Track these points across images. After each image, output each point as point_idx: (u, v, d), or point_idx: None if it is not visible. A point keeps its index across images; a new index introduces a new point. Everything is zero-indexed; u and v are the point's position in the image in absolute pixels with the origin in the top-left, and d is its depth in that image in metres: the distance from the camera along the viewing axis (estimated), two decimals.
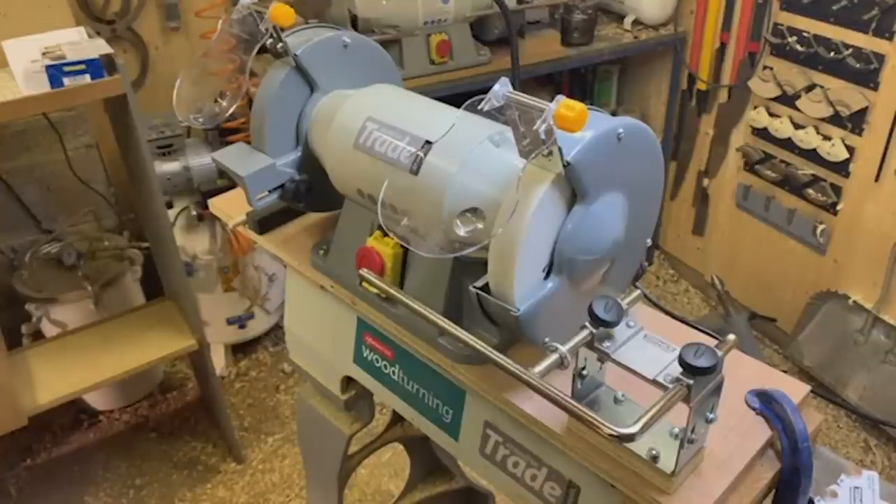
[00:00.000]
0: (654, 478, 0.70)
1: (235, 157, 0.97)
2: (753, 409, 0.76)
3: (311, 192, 1.00)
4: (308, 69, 0.95)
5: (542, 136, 0.65)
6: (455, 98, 0.82)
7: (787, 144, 2.50)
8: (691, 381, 0.63)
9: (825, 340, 2.55)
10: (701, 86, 2.82)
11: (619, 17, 2.83)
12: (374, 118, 0.89)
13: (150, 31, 2.49)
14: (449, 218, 0.78)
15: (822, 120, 2.37)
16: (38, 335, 2.27)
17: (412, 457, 1.52)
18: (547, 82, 3.04)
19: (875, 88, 2.19)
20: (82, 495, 2.30)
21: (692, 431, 0.67)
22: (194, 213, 2.43)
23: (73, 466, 2.39)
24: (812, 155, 2.43)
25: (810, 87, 2.37)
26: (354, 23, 2.18)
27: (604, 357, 0.70)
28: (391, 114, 0.88)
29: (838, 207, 2.41)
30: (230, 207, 1.13)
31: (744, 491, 0.73)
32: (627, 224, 0.77)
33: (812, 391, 0.82)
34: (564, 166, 0.66)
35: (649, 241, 0.84)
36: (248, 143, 0.99)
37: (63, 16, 1.96)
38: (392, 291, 0.83)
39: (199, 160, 2.32)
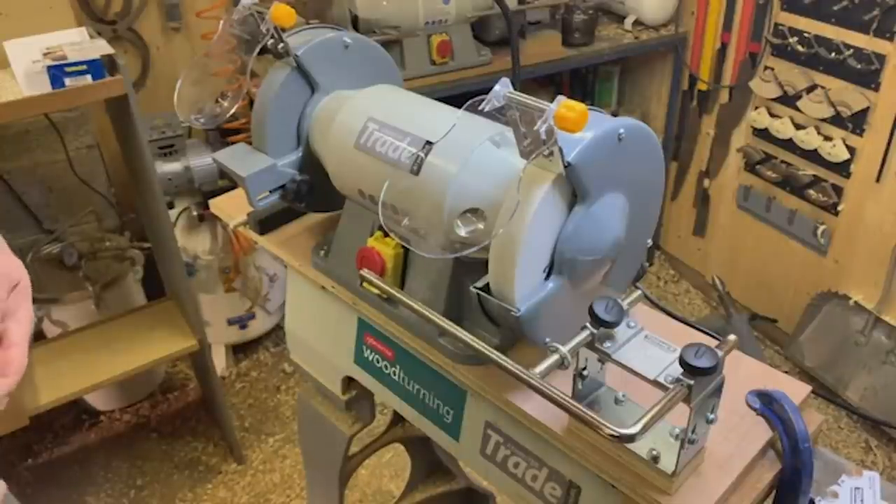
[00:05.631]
0: (655, 478, 0.70)
1: (236, 158, 0.98)
2: (754, 409, 0.76)
3: (311, 192, 1.00)
4: (309, 70, 0.95)
5: (543, 137, 0.65)
6: (456, 98, 0.82)
7: (788, 145, 2.50)
8: (692, 382, 0.63)
9: (826, 341, 2.55)
10: (702, 86, 2.82)
11: (620, 18, 2.83)
12: (374, 118, 0.89)
13: (151, 32, 2.49)
14: (450, 218, 0.78)
15: (823, 120, 2.37)
16: (39, 335, 2.27)
17: (413, 457, 1.52)
18: (548, 83, 3.04)
19: (876, 89, 2.19)
20: (83, 495, 2.30)
21: (693, 432, 0.67)
22: (195, 213, 2.43)
23: (74, 466, 2.40)
24: (813, 155, 2.43)
25: (811, 88, 2.37)
26: (355, 23, 2.18)
27: (604, 357, 0.70)
28: (392, 114, 0.88)
29: (839, 208, 2.41)
30: (231, 208, 1.13)
31: (744, 491, 0.73)
32: (628, 224, 0.77)
33: (813, 392, 0.82)
34: (565, 167, 0.66)
35: (650, 242, 0.84)
36: (249, 143, 0.99)
37: (64, 16, 1.96)
38: (393, 292, 0.83)
39: (200, 160, 2.32)
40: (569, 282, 0.74)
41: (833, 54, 2.27)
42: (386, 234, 0.88)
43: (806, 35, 2.34)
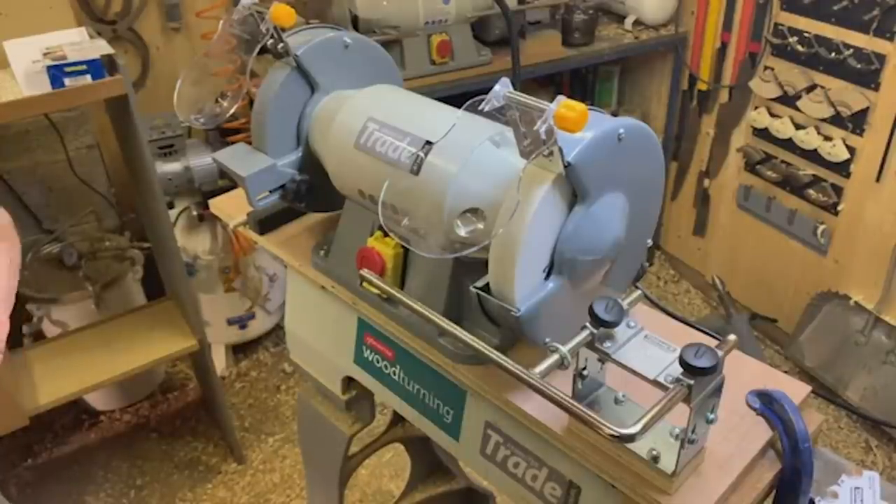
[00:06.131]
0: (655, 478, 0.70)
1: (236, 158, 0.98)
2: (754, 409, 0.76)
3: (311, 192, 1.00)
4: (309, 69, 0.95)
5: (543, 137, 0.65)
6: (456, 98, 0.82)
7: (788, 145, 2.50)
8: (692, 382, 0.63)
9: (826, 341, 2.55)
10: (702, 86, 2.82)
11: (620, 18, 2.83)
12: (374, 118, 0.89)
13: (151, 32, 2.49)
14: (449, 218, 0.78)
15: (823, 120, 2.37)
16: (39, 335, 2.27)
17: (413, 457, 1.52)
18: (548, 83, 3.04)
19: (876, 89, 2.19)
20: (83, 495, 2.30)
21: (693, 432, 0.67)
22: (195, 213, 2.43)
23: (74, 466, 2.40)
24: (813, 155, 2.43)
25: (811, 88, 2.37)
26: (355, 23, 2.18)
27: (604, 357, 0.70)
28: (392, 114, 0.88)
29: (839, 208, 2.41)
30: (231, 208, 1.13)
31: (744, 491, 0.73)
32: (628, 224, 0.77)
33: (813, 392, 0.82)
34: (565, 167, 0.66)
35: (650, 242, 0.84)
36: (249, 143, 0.99)
37: (64, 16, 1.96)
38: (393, 292, 0.83)
39: (200, 160, 2.32)
40: (569, 282, 0.74)
41: (833, 54, 2.27)
42: (386, 234, 0.88)
43: (806, 35, 2.34)
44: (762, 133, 2.59)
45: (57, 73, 1.58)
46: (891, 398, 2.37)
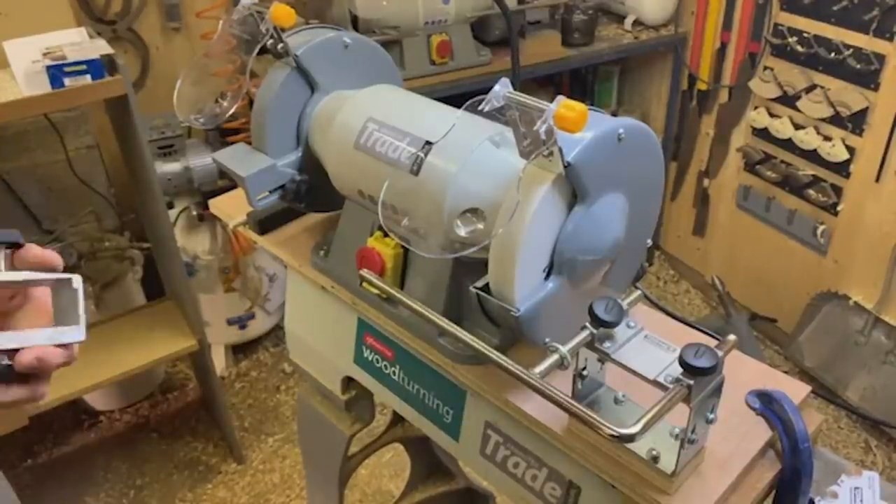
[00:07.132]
0: (655, 478, 0.70)
1: (236, 158, 0.98)
2: (754, 409, 0.76)
3: (311, 192, 1.00)
4: (309, 70, 0.95)
5: (543, 137, 0.65)
6: (456, 99, 0.82)
7: (788, 145, 2.50)
8: (692, 382, 0.63)
9: (826, 341, 2.55)
10: (701, 86, 2.82)
11: (620, 18, 2.83)
12: (374, 119, 0.89)
13: (151, 32, 2.49)
14: (449, 218, 0.78)
15: (823, 120, 2.37)
16: None
17: (413, 457, 1.52)
18: (547, 83, 3.04)
19: (875, 89, 2.19)
20: (83, 495, 2.30)
21: (692, 432, 0.67)
22: (195, 213, 2.43)
23: (74, 466, 2.40)
24: (812, 155, 2.43)
25: (811, 88, 2.37)
26: (355, 23, 2.18)
27: (604, 357, 0.70)
28: (392, 114, 0.88)
29: (839, 208, 2.41)
30: (231, 208, 1.13)
31: (744, 491, 0.73)
32: (628, 224, 0.77)
33: (812, 392, 0.82)
34: (565, 167, 0.66)
35: (650, 242, 0.84)
36: (249, 143, 0.99)
37: (64, 16, 1.96)
38: (392, 292, 0.83)
39: (200, 160, 2.32)
40: (569, 282, 0.74)
41: (832, 54, 2.27)
42: (386, 234, 0.88)
43: (805, 35, 2.34)
44: (762, 133, 2.59)
45: (57, 73, 1.58)
46: (890, 398, 2.37)
